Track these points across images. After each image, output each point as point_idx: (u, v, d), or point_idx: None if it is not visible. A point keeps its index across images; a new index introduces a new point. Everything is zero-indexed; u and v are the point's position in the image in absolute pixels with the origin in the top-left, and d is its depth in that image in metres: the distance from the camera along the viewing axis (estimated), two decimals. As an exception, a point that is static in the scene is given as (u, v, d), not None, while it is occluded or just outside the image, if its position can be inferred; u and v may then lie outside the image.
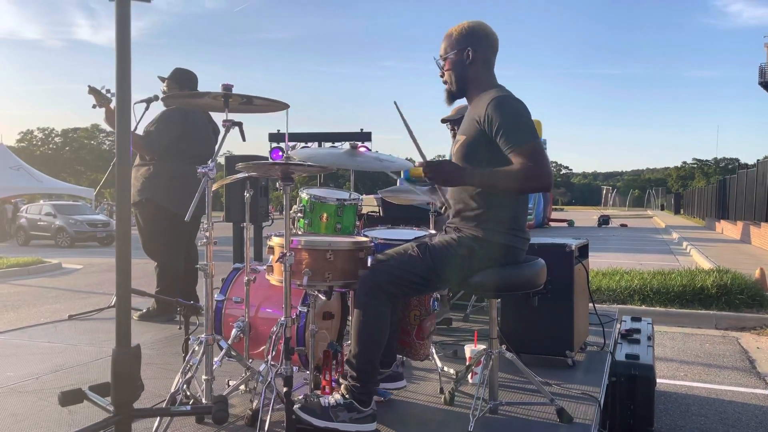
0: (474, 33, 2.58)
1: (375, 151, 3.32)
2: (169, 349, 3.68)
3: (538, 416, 2.52)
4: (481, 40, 2.58)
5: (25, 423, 2.49)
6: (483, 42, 2.58)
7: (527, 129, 2.38)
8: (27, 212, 23.04)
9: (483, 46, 2.58)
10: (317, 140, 9.33)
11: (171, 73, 4.69)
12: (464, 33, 2.58)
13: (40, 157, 63.76)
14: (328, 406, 2.34)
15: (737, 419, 4.24)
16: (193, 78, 4.73)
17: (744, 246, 18.11)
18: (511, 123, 2.37)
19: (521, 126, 2.38)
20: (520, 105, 2.44)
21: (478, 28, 2.60)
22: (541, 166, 2.32)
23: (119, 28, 1.67)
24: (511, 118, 2.38)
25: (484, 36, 2.59)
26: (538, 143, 2.37)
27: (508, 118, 2.37)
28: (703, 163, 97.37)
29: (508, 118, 2.37)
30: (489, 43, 2.60)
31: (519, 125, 2.37)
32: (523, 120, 2.39)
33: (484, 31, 2.60)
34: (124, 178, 1.73)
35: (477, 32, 2.59)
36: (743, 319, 7.41)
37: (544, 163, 2.34)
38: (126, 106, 1.72)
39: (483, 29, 2.60)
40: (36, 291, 10.18)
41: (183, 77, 4.68)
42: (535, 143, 2.35)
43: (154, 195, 4.49)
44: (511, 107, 2.41)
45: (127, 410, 1.72)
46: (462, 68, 2.58)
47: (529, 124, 2.40)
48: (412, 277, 2.40)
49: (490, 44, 2.60)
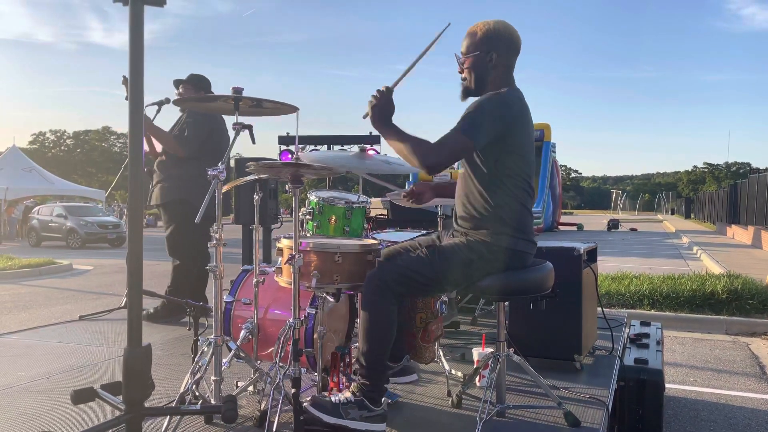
0: (500, 36, 2.54)
1: (384, 155, 3.33)
2: (179, 350, 3.70)
3: (546, 420, 2.52)
4: (506, 44, 2.54)
5: (37, 422, 2.52)
6: (508, 46, 2.55)
7: (468, 122, 2.36)
8: (38, 213, 23.24)
9: (507, 50, 2.55)
10: (326, 143, 9.35)
11: (186, 78, 4.76)
12: (490, 35, 2.53)
13: (52, 158, 64.33)
14: (338, 403, 2.34)
15: (747, 425, 4.21)
16: (207, 83, 4.81)
17: (755, 251, 17.96)
18: (467, 112, 2.40)
19: (468, 117, 2.38)
20: (489, 102, 2.41)
21: (504, 31, 2.55)
22: (433, 147, 2.32)
23: (132, 31, 1.70)
24: (471, 109, 2.40)
25: (510, 40, 2.55)
26: (458, 135, 2.34)
27: (471, 108, 2.40)
28: (714, 168, 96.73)
29: (470, 108, 2.40)
30: (514, 47, 2.57)
31: (468, 116, 2.38)
32: (472, 114, 2.38)
33: (510, 35, 2.56)
34: (137, 179, 1.75)
35: (503, 36, 2.54)
36: (754, 325, 7.35)
37: (437, 148, 2.32)
38: (138, 108, 1.75)
39: (509, 32, 2.56)
40: (47, 292, 10.26)
41: (199, 82, 4.76)
42: (455, 134, 2.34)
43: (188, 196, 4.52)
44: (479, 102, 2.42)
45: (138, 409, 1.74)
46: (484, 70, 2.55)
47: (473, 119, 2.37)
48: (420, 278, 2.41)
49: (514, 48, 2.57)
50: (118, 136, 71.96)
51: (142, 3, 1.69)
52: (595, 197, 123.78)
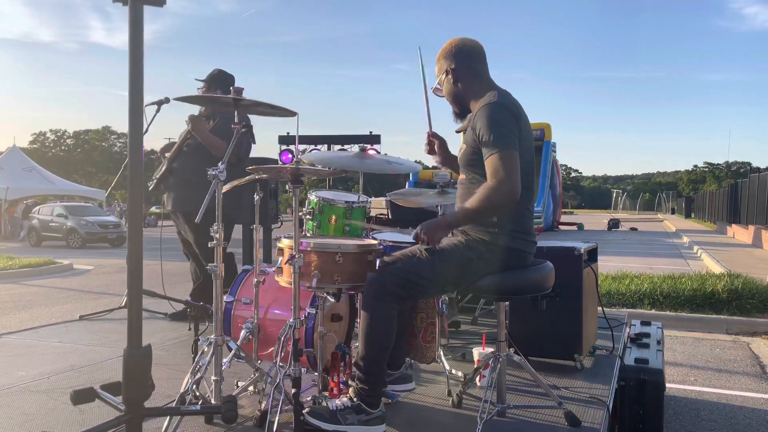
0: (449, 52, 2.60)
1: (384, 154, 3.33)
2: (179, 350, 3.70)
3: (546, 420, 2.52)
4: (457, 55, 2.58)
5: (37, 422, 2.52)
6: (461, 56, 2.58)
7: (497, 139, 2.35)
8: (39, 213, 23.24)
9: (462, 60, 2.58)
10: (327, 143, 9.36)
11: (209, 75, 4.54)
12: (443, 56, 2.62)
13: (52, 158, 64.28)
14: (336, 409, 2.34)
15: (748, 425, 4.21)
16: (230, 80, 4.57)
17: (756, 250, 17.95)
18: (486, 133, 2.38)
19: (493, 134, 2.36)
20: (497, 111, 2.41)
21: (452, 45, 2.61)
22: (499, 178, 2.31)
23: (132, 31, 1.69)
24: (488, 126, 2.38)
25: (459, 50, 2.59)
26: (503, 153, 2.33)
27: (486, 126, 2.39)
28: (715, 167, 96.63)
29: (486, 126, 2.38)
30: (468, 54, 2.59)
31: (491, 134, 2.37)
32: (497, 128, 2.37)
33: (459, 46, 2.60)
34: (137, 179, 1.74)
35: (451, 50, 2.60)
36: (754, 324, 7.35)
37: (501, 174, 2.31)
38: (138, 108, 1.74)
39: (458, 45, 2.60)
40: (47, 291, 10.26)
41: (222, 79, 4.52)
42: (499, 154, 2.33)
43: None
44: (491, 115, 2.40)
45: (139, 409, 1.74)
46: (453, 89, 2.61)
47: (503, 132, 2.37)
48: (420, 279, 2.41)
49: (469, 55, 2.59)
50: (118, 135, 71.96)
51: (142, 3, 1.69)
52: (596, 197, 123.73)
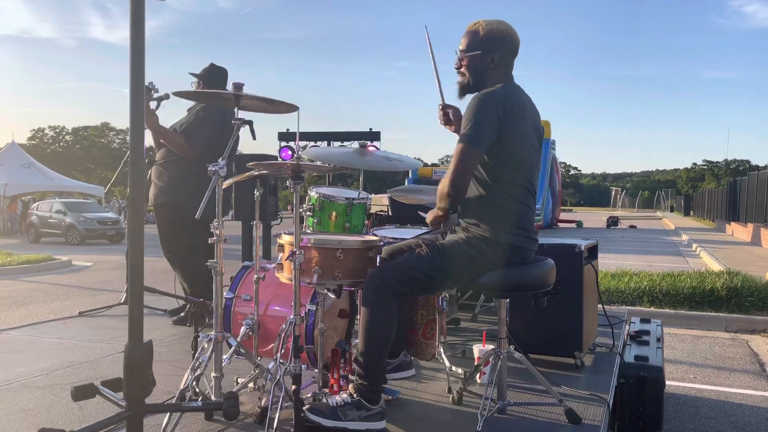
0: (503, 38, 2.56)
1: (384, 151, 3.33)
2: (179, 346, 3.70)
3: (547, 417, 2.52)
4: (507, 45, 2.57)
5: (36, 418, 2.52)
6: (509, 48, 2.57)
7: (465, 131, 2.39)
8: (38, 209, 23.21)
9: (508, 52, 2.57)
10: (326, 139, 9.35)
11: (203, 70, 4.50)
12: (493, 35, 2.54)
13: (51, 155, 64.25)
14: (336, 405, 2.34)
15: (747, 422, 4.21)
16: (224, 74, 4.55)
17: (754, 248, 17.96)
18: (465, 121, 2.41)
19: (466, 126, 2.39)
20: (484, 104, 2.40)
21: (506, 32, 2.57)
22: (452, 175, 2.37)
23: (134, 27, 1.69)
24: (465, 116, 2.41)
25: (511, 42, 2.58)
26: (459, 147, 2.38)
27: (465, 116, 2.42)
28: (714, 165, 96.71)
29: (465, 116, 2.42)
30: (513, 48, 2.59)
31: (466, 125, 2.40)
32: (469, 120, 2.39)
33: (512, 37, 2.58)
34: (138, 175, 1.74)
35: (506, 37, 2.56)
36: (753, 322, 7.36)
37: (454, 174, 2.37)
38: (139, 104, 1.74)
39: (510, 34, 2.58)
40: (46, 288, 10.25)
41: (215, 74, 4.49)
42: (460, 149, 2.38)
43: (178, 197, 4.27)
44: (471, 105, 2.42)
45: (140, 405, 1.74)
46: (485, 69, 2.56)
47: (472, 126, 2.37)
48: (421, 275, 2.40)
49: (514, 50, 2.59)
50: (117, 132, 71.92)
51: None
52: (595, 194, 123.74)
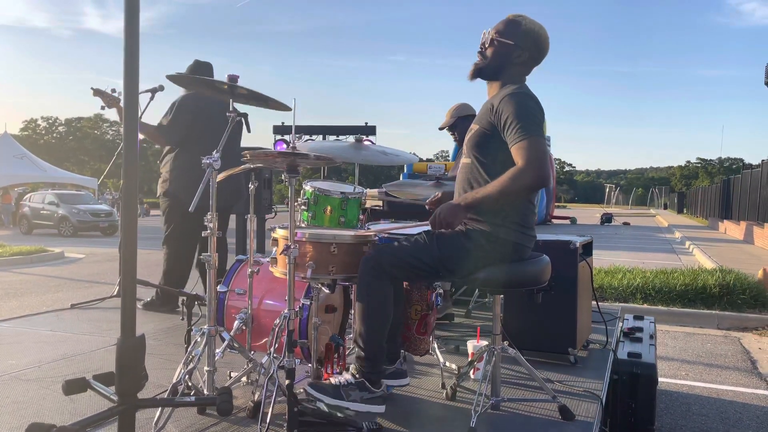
0: (538, 42, 2.56)
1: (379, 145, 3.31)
2: (172, 339, 3.68)
3: (540, 413, 2.52)
4: (537, 51, 2.57)
5: (27, 410, 2.50)
6: (537, 54, 2.58)
7: (528, 125, 2.32)
8: (30, 201, 23.07)
9: (535, 57, 2.58)
10: (322, 133, 9.33)
11: (188, 68, 4.57)
12: (532, 34, 2.55)
13: (44, 146, 63.87)
14: (339, 384, 2.36)
15: (738, 419, 4.24)
16: (207, 69, 4.60)
17: (747, 246, 18.06)
18: (516, 118, 2.33)
19: (524, 122, 2.33)
20: (531, 101, 2.40)
21: (543, 39, 2.58)
22: (531, 162, 2.26)
23: (128, 18, 1.66)
24: (517, 113, 2.34)
25: (542, 49, 2.58)
26: (534, 139, 2.30)
27: (514, 113, 2.34)
28: (707, 163, 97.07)
29: (515, 113, 2.34)
30: (540, 56, 2.60)
31: (522, 121, 2.33)
32: (528, 116, 2.34)
33: (544, 45, 2.59)
34: (131, 168, 1.72)
35: (540, 43, 2.57)
36: (745, 320, 7.40)
37: (534, 158, 2.27)
38: (134, 96, 1.71)
39: (544, 43, 2.58)
40: (38, 280, 10.20)
41: (199, 69, 4.54)
42: (530, 139, 2.29)
43: (168, 187, 4.42)
44: (521, 103, 2.38)
45: (132, 400, 1.72)
46: (508, 61, 2.54)
47: (534, 120, 2.35)
48: (416, 262, 2.40)
49: (539, 57, 2.60)
50: (110, 123, 71.50)
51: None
52: (589, 191, 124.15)
